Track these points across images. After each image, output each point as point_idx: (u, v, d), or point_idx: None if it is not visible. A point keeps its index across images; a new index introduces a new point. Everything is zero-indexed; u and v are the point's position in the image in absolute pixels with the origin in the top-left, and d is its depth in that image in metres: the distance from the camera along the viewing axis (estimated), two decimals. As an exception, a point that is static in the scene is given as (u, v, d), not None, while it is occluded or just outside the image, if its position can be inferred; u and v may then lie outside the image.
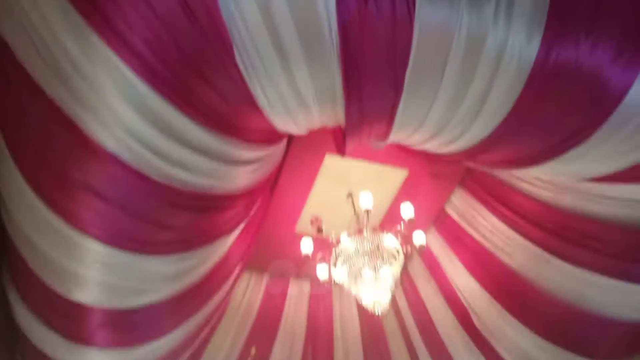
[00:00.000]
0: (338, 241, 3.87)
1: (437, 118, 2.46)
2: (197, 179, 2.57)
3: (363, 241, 3.77)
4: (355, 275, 3.73)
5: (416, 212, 3.90)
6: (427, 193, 4.30)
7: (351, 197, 4.16)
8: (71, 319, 2.97)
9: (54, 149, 2.34)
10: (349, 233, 3.87)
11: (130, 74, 2.04)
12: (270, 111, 2.38)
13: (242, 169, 2.80)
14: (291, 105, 2.35)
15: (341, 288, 3.95)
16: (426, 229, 4.41)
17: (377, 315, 3.70)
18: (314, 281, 4.29)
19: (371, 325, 4.81)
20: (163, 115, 2.21)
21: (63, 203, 2.48)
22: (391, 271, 3.69)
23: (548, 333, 3.82)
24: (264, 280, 4.82)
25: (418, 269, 4.81)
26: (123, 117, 2.17)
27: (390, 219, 4.31)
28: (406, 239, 3.87)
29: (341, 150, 2.79)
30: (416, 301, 4.76)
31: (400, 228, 3.82)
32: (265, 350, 4.59)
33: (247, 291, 4.71)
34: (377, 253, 3.71)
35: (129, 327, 3.12)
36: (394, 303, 4.80)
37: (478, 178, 4.12)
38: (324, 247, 3.99)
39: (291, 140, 3.55)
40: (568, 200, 3.28)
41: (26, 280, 2.96)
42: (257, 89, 2.22)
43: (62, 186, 2.43)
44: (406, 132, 2.64)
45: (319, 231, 3.99)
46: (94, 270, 2.72)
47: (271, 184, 3.88)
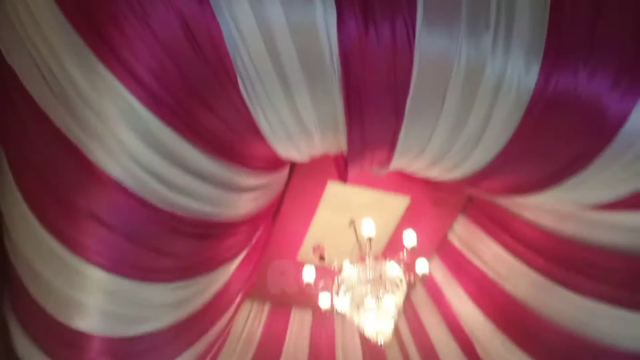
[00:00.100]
0: (340, 269, 3.84)
1: (438, 145, 2.48)
2: (200, 206, 2.58)
3: (365, 269, 3.74)
4: (357, 304, 3.69)
5: (419, 240, 3.87)
6: (430, 221, 4.29)
7: (353, 225, 4.15)
8: (72, 348, 2.95)
9: (59, 176, 2.35)
10: (352, 261, 3.85)
11: (135, 102, 2.06)
12: (272, 138, 2.40)
13: (245, 196, 2.81)
14: (293, 132, 2.37)
15: (343, 317, 3.91)
16: (429, 257, 4.38)
17: (380, 344, 3.65)
18: (316, 310, 4.25)
19: (374, 354, 4.74)
20: (167, 142, 2.22)
21: (66, 230, 2.49)
22: (394, 300, 3.66)
23: (552, 363, 3.76)
24: (266, 308, 4.79)
25: (421, 298, 4.76)
26: (128, 145, 2.18)
27: (392, 247, 4.29)
28: (409, 267, 3.85)
29: (343, 177, 2.80)
30: (419, 330, 4.70)
31: (402, 256, 3.80)
32: (267, 379, 4.53)
33: (249, 320, 4.68)
34: (380, 281, 3.68)
35: (130, 356, 3.10)
36: (397, 332, 4.76)
37: (480, 205, 4.11)
38: (326, 275, 3.96)
39: (293, 168, 3.57)
40: (570, 228, 3.26)
41: (27, 309, 2.94)
42: (260, 117, 2.25)
43: (66, 213, 2.44)
44: (407, 159, 2.66)
45: (322, 259, 3.97)
46: (96, 297, 2.71)
47: (273, 212, 3.88)
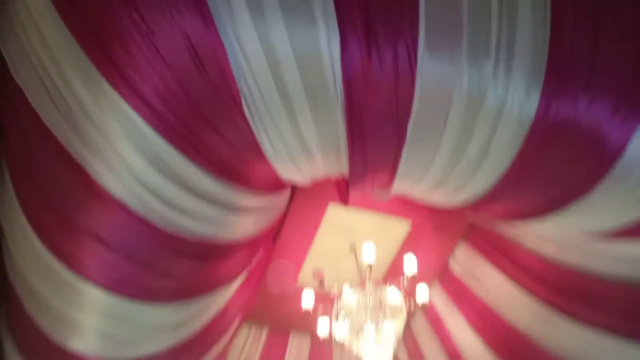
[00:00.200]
0: (340, 294, 3.81)
1: (440, 169, 2.49)
2: (201, 227, 2.58)
3: (365, 295, 3.71)
4: (356, 330, 3.65)
5: (420, 266, 3.85)
6: (431, 246, 4.27)
7: (354, 250, 4.13)
8: (67, 370, 2.90)
9: (60, 193, 2.36)
10: (352, 286, 3.82)
11: (140, 122, 2.07)
12: (275, 160, 2.42)
13: (246, 218, 2.81)
14: (296, 154, 2.39)
15: (342, 343, 3.86)
16: (430, 284, 4.35)
17: (379, 372, 3.59)
18: (315, 335, 4.20)
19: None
20: (171, 163, 2.23)
21: (66, 247, 2.49)
22: (393, 327, 3.62)
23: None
24: (264, 333, 4.74)
25: (421, 326, 4.71)
26: (131, 164, 2.19)
27: (393, 272, 4.26)
28: (409, 294, 3.81)
29: (344, 199, 2.81)
30: (418, 359, 4.62)
31: (403, 283, 3.77)
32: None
33: (247, 344, 4.62)
34: (380, 308, 3.65)
35: (125, 379, 3.04)
36: (396, 361, 4.68)
37: (482, 232, 4.09)
38: (326, 300, 3.93)
39: (295, 190, 3.58)
40: (572, 256, 3.24)
41: (24, 328, 2.91)
42: (263, 138, 2.26)
43: (66, 230, 2.43)
44: (409, 183, 2.67)
45: (321, 284, 3.94)
46: (93, 317, 2.69)
47: (274, 235, 3.88)
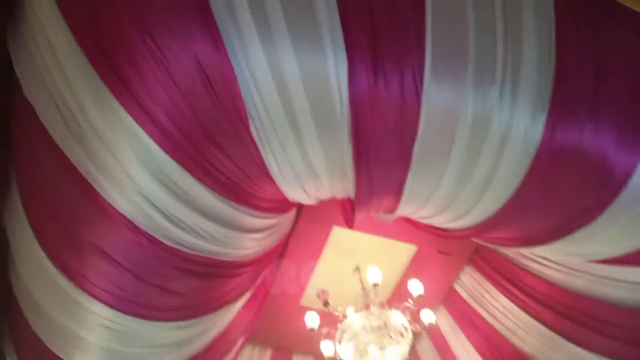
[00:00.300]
0: (344, 316, 3.78)
1: (445, 194, 2.49)
2: (207, 245, 2.59)
3: (370, 317, 3.68)
4: (361, 353, 3.61)
5: (425, 290, 3.81)
6: (436, 270, 4.24)
7: (358, 271, 4.11)
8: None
9: (68, 209, 2.39)
10: (356, 308, 3.79)
11: (148, 140, 2.10)
12: (281, 181, 2.43)
13: (251, 237, 2.82)
14: (302, 175, 2.41)
15: (345, 365, 3.82)
16: (435, 307, 4.31)
17: (383, 397, 3.55)
18: (318, 357, 4.16)
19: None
20: (178, 181, 2.25)
21: (72, 263, 2.51)
22: (399, 350, 3.58)
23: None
24: (267, 354, 4.69)
25: (427, 350, 4.66)
26: (138, 182, 2.21)
27: (398, 296, 4.22)
28: (415, 317, 3.78)
29: (350, 221, 2.81)
30: (424, 384, 4.58)
31: (408, 305, 3.74)
32: None
33: (250, 365, 4.59)
34: (385, 330, 3.62)
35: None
36: (401, 385, 4.61)
37: (487, 256, 4.07)
38: (330, 322, 3.90)
39: (300, 211, 3.58)
40: (578, 282, 3.22)
41: (27, 343, 2.93)
42: (270, 160, 2.29)
43: (73, 246, 2.46)
44: (414, 207, 2.67)
45: (326, 305, 3.91)
46: (97, 334, 2.69)
47: (278, 255, 3.87)
